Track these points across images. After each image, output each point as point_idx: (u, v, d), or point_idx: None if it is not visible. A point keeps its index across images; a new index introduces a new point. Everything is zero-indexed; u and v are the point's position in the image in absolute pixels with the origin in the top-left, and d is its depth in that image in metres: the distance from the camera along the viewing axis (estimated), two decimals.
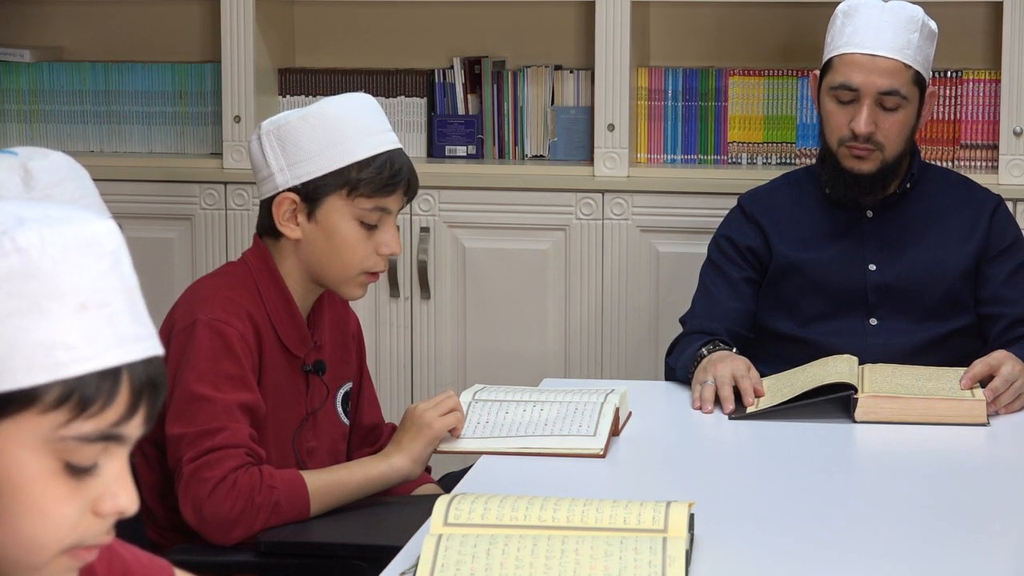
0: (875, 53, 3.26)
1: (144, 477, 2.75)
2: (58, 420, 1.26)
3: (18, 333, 1.24)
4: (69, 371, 1.25)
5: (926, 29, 3.31)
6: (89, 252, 1.28)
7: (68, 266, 1.26)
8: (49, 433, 1.26)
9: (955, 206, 3.42)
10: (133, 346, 1.29)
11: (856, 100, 3.28)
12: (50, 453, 1.27)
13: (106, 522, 1.31)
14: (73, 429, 1.26)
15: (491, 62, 4.44)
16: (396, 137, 2.81)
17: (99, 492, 1.29)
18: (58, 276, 1.26)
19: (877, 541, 2.32)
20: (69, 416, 1.26)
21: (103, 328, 1.27)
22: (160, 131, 4.51)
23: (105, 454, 1.29)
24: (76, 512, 1.29)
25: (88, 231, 1.29)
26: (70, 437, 1.26)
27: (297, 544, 2.62)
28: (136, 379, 1.29)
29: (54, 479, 1.27)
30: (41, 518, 1.27)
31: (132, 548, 1.58)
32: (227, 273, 2.81)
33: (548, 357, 4.25)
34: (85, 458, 1.28)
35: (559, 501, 2.19)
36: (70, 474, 1.28)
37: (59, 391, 1.25)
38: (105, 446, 1.29)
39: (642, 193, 4.18)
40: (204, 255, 4.33)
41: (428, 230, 4.25)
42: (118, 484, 1.30)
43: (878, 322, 3.36)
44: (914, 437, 2.88)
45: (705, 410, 3.02)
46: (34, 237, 1.26)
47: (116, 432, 1.29)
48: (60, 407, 1.26)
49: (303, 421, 2.82)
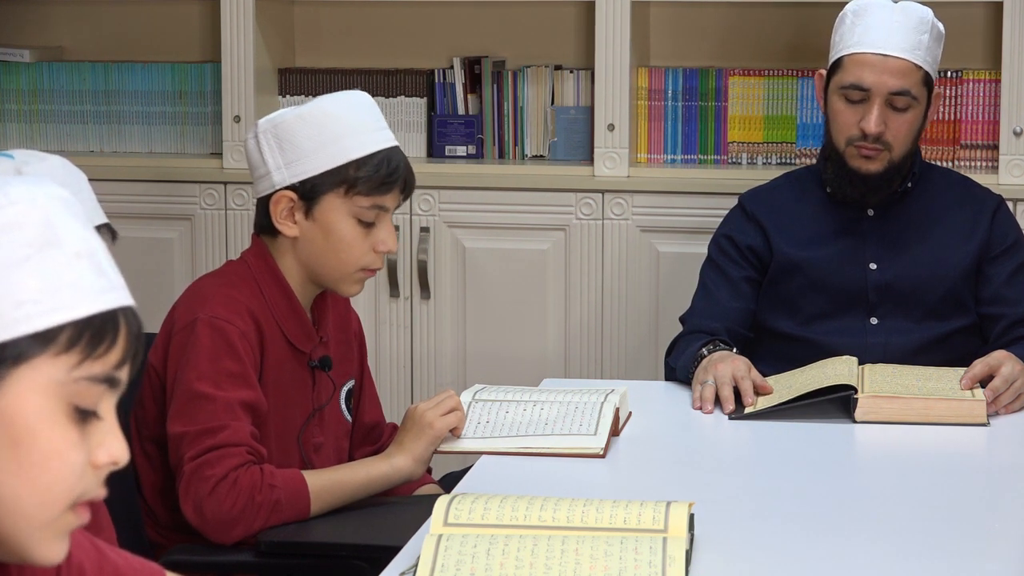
0: (887, 53, 3.26)
1: (145, 476, 2.76)
2: (71, 361, 1.31)
3: (27, 278, 1.29)
4: (76, 312, 1.30)
5: (935, 31, 3.31)
6: (70, 209, 1.34)
7: (56, 218, 1.32)
8: (63, 375, 1.30)
9: (956, 206, 3.42)
10: (122, 292, 1.36)
11: (866, 100, 3.28)
12: (62, 397, 1.31)
13: (101, 473, 1.34)
14: (84, 370, 1.31)
15: (491, 62, 4.44)
16: (392, 135, 2.81)
17: (96, 441, 1.33)
18: (50, 227, 1.32)
19: (877, 541, 2.32)
20: (80, 357, 1.31)
21: (97, 275, 1.33)
22: (160, 131, 4.51)
23: (103, 400, 1.33)
24: (83, 460, 1.32)
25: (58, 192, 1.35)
26: (82, 378, 1.31)
27: (297, 544, 2.63)
28: (131, 324, 1.35)
29: (67, 424, 1.31)
30: (58, 464, 1.31)
31: (123, 552, 1.59)
32: (227, 272, 2.82)
33: (548, 357, 4.24)
34: (92, 401, 1.32)
35: (559, 501, 2.19)
36: (78, 419, 1.32)
37: (71, 332, 1.30)
38: (104, 391, 1.33)
39: (642, 193, 4.18)
40: (204, 255, 4.33)
41: (428, 230, 4.25)
42: (112, 433, 1.34)
43: (878, 321, 3.35)
44: (914, 437, 2.88)
45: (705, 410, 3.02)
46: (23, 194, 1.32)
47: (116, 375, 1.34)
48: (73, 347, 1.30)
49: (310, 417, 2.82)
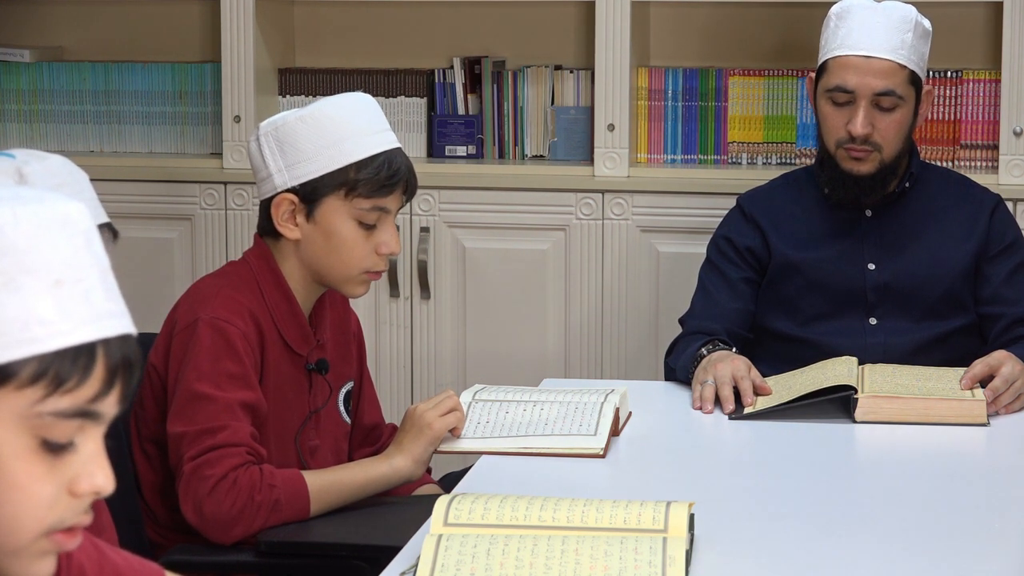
0: (869, 54, 3.26)
1: (145, 476, 2.76)
2: (34, 396, 1.26)
3: None
4: (45, 346, 1.25)
5: (920, 28, 3.31)
6: (62, 230, 1.28)
7: (41, 243, 1.27)
8: (25, 409, 1.26)
9: (954, 205, 3.41)
10: (108, 322, 1.29)
11: (852, 102, 3.28)
12: (27, 431, 1.27)
13: (83, 502, 1.31)
14: (49, 405, 1.26)
15: (491, 62, 4.44)
16: (394, 136, 2.81)
17: (76, 471, 1.29)
18: (32, 252, 1.26)
19: (877, 541, 2.32)
20: (45, 392, 1.26)
21: (78, 304, 1.27)
22: (160, 131, 4.51)
23: (81, 432, 1.29)
24: (53, 491, 1.28)
25: (60, 210, 1.29)
26: (46, 413, 1.26)
27: (297, 544, 2.63)
28: (111, 356, 1.29)
29: (31, 457, 1.27)
30: (20, 496, 1.27)
31: (123, 552, 1.58)
32: (229, 272, 2.82)
33: (548, 357, 4.24)
34: (62, 435, 1.28)
35: (559, 501, 2.19)
36: (47, 452, 1.28)
37: (35, 367, 1.25)
38: (81, 424, 1.29)
39: (642, 193, 4.18)
40: (204, 255, 4.33)
41: (428, 230, 4.25)
42: (94, 463, 1.30)
43: (877, 322, 3.35)
44: (914, 437, 2.88)
45: (705, 410, 3.02)
46: (7, 214, 1.26)
47: (92, 409, 1.29)
48: (36, 383, 1.25)
49: (306, 419, 2.82)
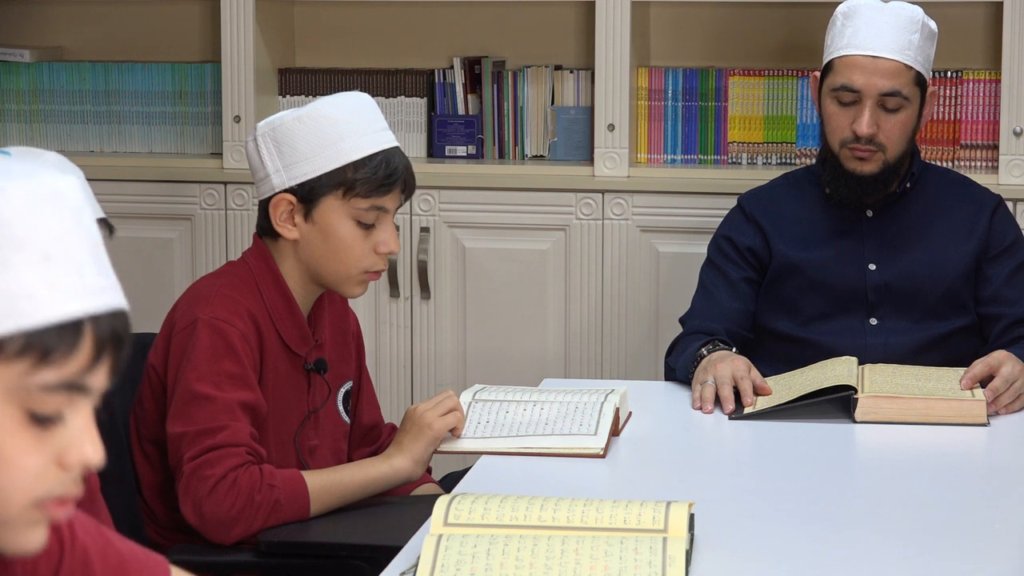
0: (876, 54, 3.26)
1: (145, 476, 2.76)
2: (21, 369, 1.26)
3: None
4: (31, 320, 1.25)
5: (926, 29, 3.31)
6: (52, 204, 1.28)
7: (31, 217, 1.27)
8: (12, 382, 1.26)
9: (955, 205, 3.42)
10: (97, 297, 1.29)
11: (857, 102, 3.28)
12: (14, 403, 1.27)
13: (72, 474, 1.31)
14: (36, 378, 1.26)
15: (491, 62, 4.44)
16: (392, 136, 2.80)
17: (65, 444, 1.29)
18: (20, 226, 1.26)
19: (877, 541, 2.32)
20: (32, 365, 1.26)
21: (67, 278, 1.27)
22: (160, 131, 4.51)
23: (70, 405, 1.29)
24: (41, 463, 1.29)
25: (51, 185, 1.29)
26: (33, 386, 1.26)
27: (297, 544, 2.63)
28: (99, 330, 1.29)
29: (18, 429, 1.27)
30: (6, 468, 1.27)
31: (129, 542, 1.58)
32: (228, 273, 2.81)
33: (548, 357, 4.24)
34: (49, 408, 1.28)
35: (559, 501, 2.19)
36: (34, 424, 1.28)
37: (21, 340, 1.25)
38: (69, 397, 1.29)
39: (642, 193, 4.18)
40: (204, 255, 4.33)
41: (428, 230, 4.25)
42: (83, 436, 1.30)
43: (878, 322, 3.35)
44: (914, 437, 2.88)
45: (705, 410, 3.02)
46: None
47: (80, 382, 1.29)
48: (22, 356, 1.25)
49: (305, 420, 2.82)
